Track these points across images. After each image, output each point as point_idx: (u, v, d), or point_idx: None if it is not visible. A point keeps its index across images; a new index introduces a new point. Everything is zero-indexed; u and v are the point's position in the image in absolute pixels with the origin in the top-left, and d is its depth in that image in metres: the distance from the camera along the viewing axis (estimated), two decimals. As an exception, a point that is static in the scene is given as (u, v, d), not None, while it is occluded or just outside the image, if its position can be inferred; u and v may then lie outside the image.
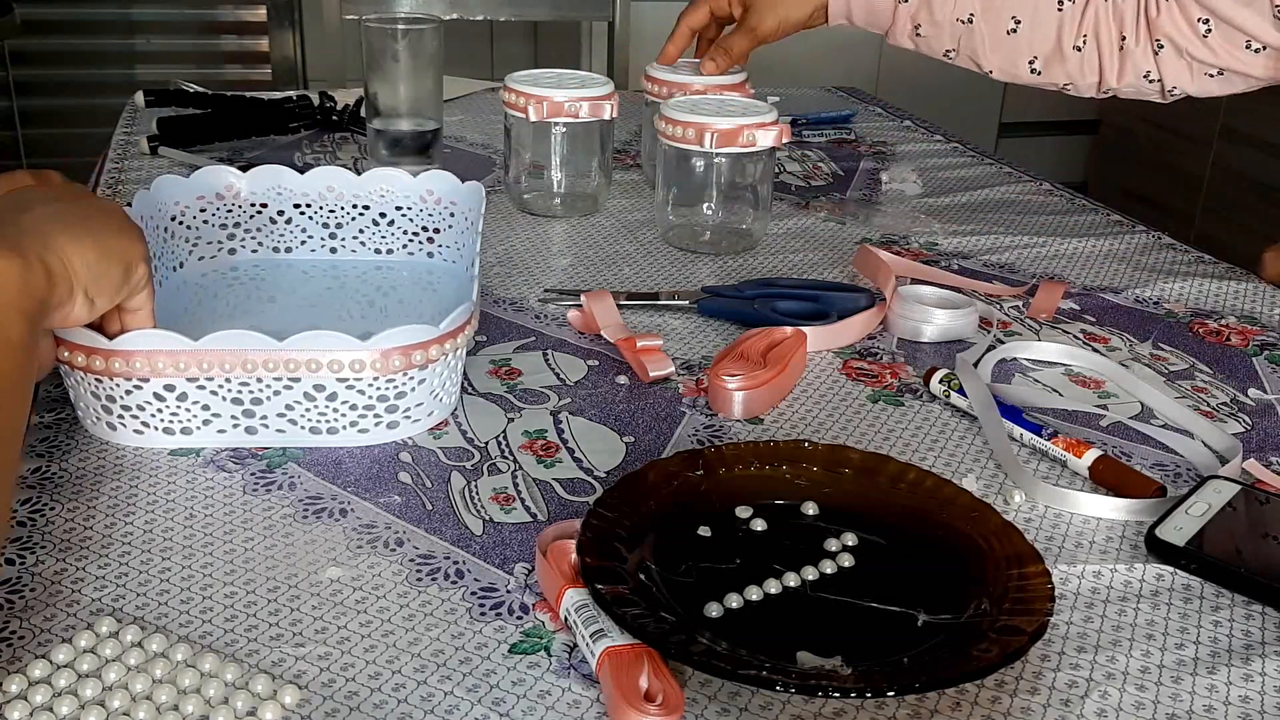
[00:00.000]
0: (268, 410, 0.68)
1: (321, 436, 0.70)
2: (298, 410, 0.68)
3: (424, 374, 0.69)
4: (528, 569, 0.60)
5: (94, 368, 0.66)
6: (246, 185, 0.92)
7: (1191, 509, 0.65)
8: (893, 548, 0.61)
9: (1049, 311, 0.94)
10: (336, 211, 0.94)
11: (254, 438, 0.70)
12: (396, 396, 0.69)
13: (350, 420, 0.69)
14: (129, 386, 0.67)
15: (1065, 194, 1.27)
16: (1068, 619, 0.58)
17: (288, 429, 0.69)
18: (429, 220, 0.95)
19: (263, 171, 0.93)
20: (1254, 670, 0.55)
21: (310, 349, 0.66)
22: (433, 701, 0.51)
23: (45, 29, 2.48)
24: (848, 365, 0.85)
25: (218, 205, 0.92)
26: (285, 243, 0.95)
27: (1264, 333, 0.92)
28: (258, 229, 0.94)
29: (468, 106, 1.55)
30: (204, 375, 0.66)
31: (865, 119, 1.56)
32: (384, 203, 0.94)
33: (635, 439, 0.73)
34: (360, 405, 0.69)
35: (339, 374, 0.67)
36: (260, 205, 0.93)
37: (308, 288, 0.92)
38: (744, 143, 0.99)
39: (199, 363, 0.66)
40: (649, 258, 1.04)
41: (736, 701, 0.52)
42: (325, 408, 0.69)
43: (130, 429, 0.69)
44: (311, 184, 0.93)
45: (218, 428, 0.69)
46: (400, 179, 0.94)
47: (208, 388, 0.67)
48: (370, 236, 0.95)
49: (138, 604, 0.56)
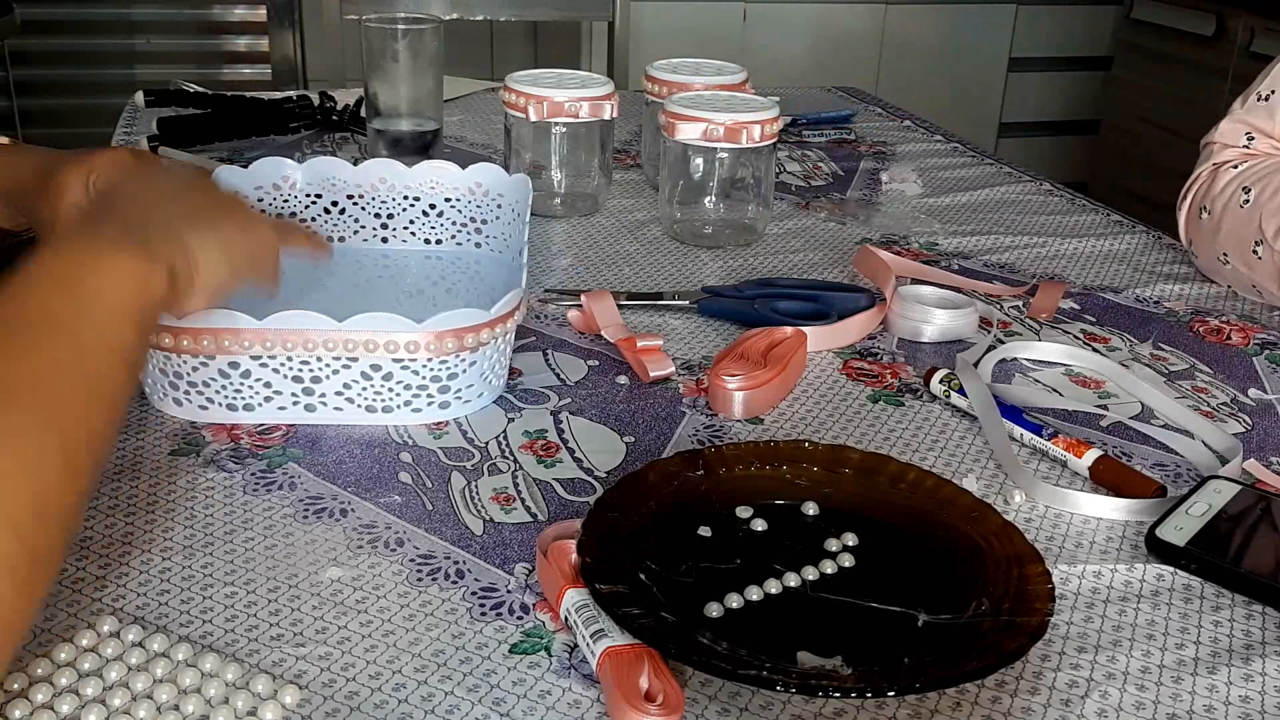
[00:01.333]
0: (326, 389, 0.71)
1: (377, 415, 0.72)
2: (355, 389, 0.71)
3: (475, 356, 0.72)
4: (528, 569, 0.60)
5: (163, 344, 0.68)
6: (302, 177, 0.95)
7: (1192, 509, 0.65)
8: (893, 548, 0.61)
9: (1049, 311, 0.94)
10: (388, 202, 0.97)
11: (312, 415, 0.72)
12: (449, 377, 0.72)
13: (405, 400, 0.72)
14: (196, 363, 0.70)
15: (1065, 194, 1.27)
16: (1068, 619, 0.58)
17: (345, 407, 0.72)
18: (477, 211, 0.97)
19: (318, 163, 0.95)
20: (1254, 670, 0.55)
21: (368, 329, 0.69)
22: (433, 701, 0.51)
23: (45, 29, 2.48)
24: (848, 365, 0.85)
25: (274, 195, 0.94)
26: (339, 232, 0.97)
27: (1264, 332, 0.92)
28: (312, 219, 0.96)
29: (468, 106, 1.55)
30: (267, 353, 0.69)
31: (865, 119, 1.56)
32: (434, 194, 0.96)
33: (635, 439, 0.73)
34: (414, 385, 0.72)
35: (395, 354, 0.69)
36: (315, 196, 0.95)
37: (360, 275, 0.94)
38: (745, 137, 0.99)
39: (262, 340, 0.68)
40: (649, 257, 1.04)
41: (736, 701, 0.52)
42: (381, 387, 0.71)
43: (195, 404, 0.72)
44: (364, 175, 0.96)
45: (278, 404, 0.72)
46: (450, 171, 0.96)
47: (270, 365, 0.70)
48: (420, 227, 0.97)
49: (138, 604, 0.56)
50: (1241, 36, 2.54)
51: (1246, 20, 2.53)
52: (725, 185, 1.06)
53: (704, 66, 1.20)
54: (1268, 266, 0.94)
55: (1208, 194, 1.01)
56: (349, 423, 0.72)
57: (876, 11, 2.87)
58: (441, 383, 0.72)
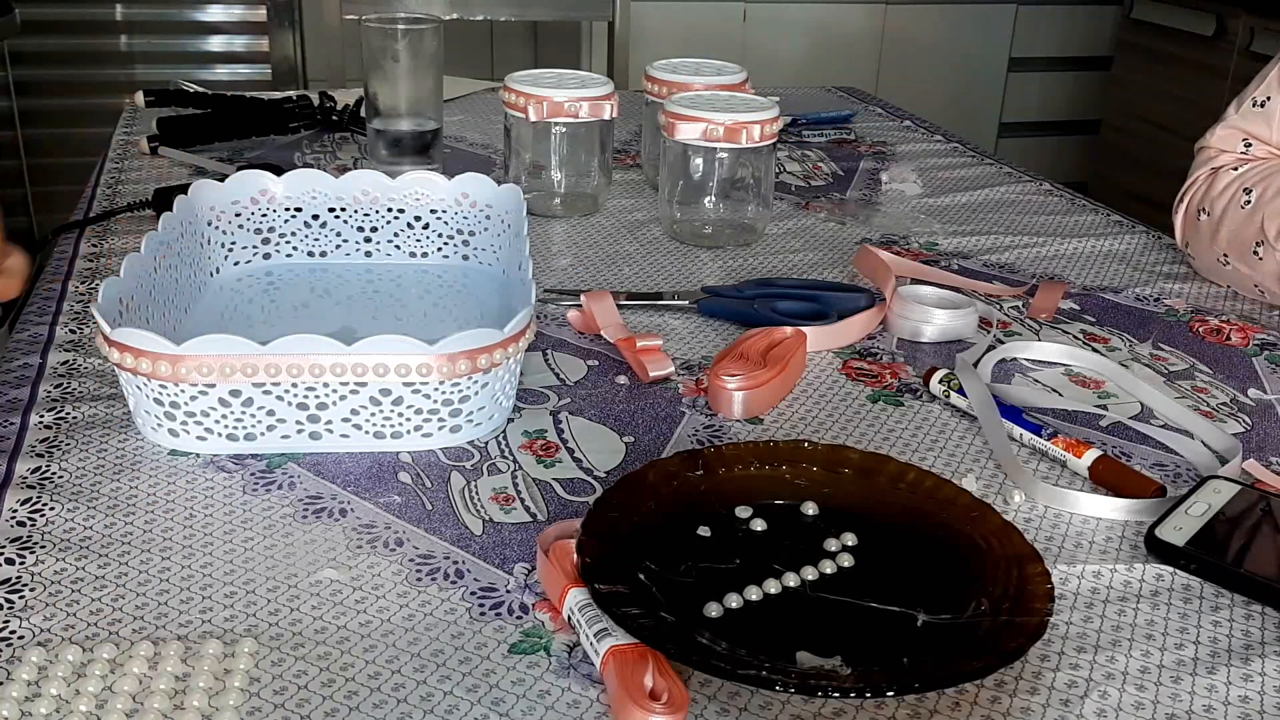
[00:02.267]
0: (333, 415, 0.68)
1: (385, 441, 0.69)
2: (363, 415, 0.68)
3: (487, 377, 0.69)
4: (528, 569, 0.60)
5: (160, 373, 0.65)
6: (282, 189, 0.92)
7: (1191, 509, 0.65)
8: (892, 548, 0.61)
9: (1049, 311, 0.94)
10: (371, 215, 0.94)
11: (318, 443, 0.69)
12: (460, 400, 0.69)
13: (415, 425, 0.69)
14: (194, 392, 0.66)
15: (1065, 194, 1.27)
16: (1067, 619, 0.58)
17: (352, 434, 0.69)
18: (464, 224, 0.94)
19: (298, 175, 0.93)
20: (1254, 670, 0.55)
21: (378, 353, 0.66)
22: (432, 701, 0.51)
23: (45, 29, 2.48)
24: (848, 365, 0.85)
25: (253, 210, 0.92)
26: (320, 246, 0.94)
27: (1264, 332, 0.92)
28: (292, 233, 0.94)
29: (468, 106, 1.55)
30: (270, 380, 0.66)
31: (865, 119, 1.56)
32: (419, 206, 0.94)
33: (635, 439, 0.73)
34: (425, 410, 0.69)
35: (405, 378, 0.66)
36: (295, 209, 0.93)
37: (343, 291, 0.91)
38: (745, 137, 1.00)
39: (266, 367, 0.65)
40: (649, 257, 1.04)
41: (736, 701, 0.52)
42: (390, 412, 0.68)
43: (194, 435, 0.69)
44: (346, 187, 0.93)
45: (281, 433, 0.69)
46: (435, 182, 0.93)
47: (274, 393, 0.67)
48: (405, 240, 0.95)
49: (138, 604, 0.56)
50: (1241, 37, 2.54)
51: (1246, 20, 2.53)
52: (725, 185, 1.06)
53: (704, 66, 1.20)
54: (1269, 267, 0.94)
55: (1206, 195, 1.01)
56: (357, 450, 0.69)
57: (876, 11, 2.87)
58: (453, 406, 0.69)
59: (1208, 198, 1.00)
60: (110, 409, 0.74)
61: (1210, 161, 1.03)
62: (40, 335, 0.84)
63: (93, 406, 0.74)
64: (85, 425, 0.72)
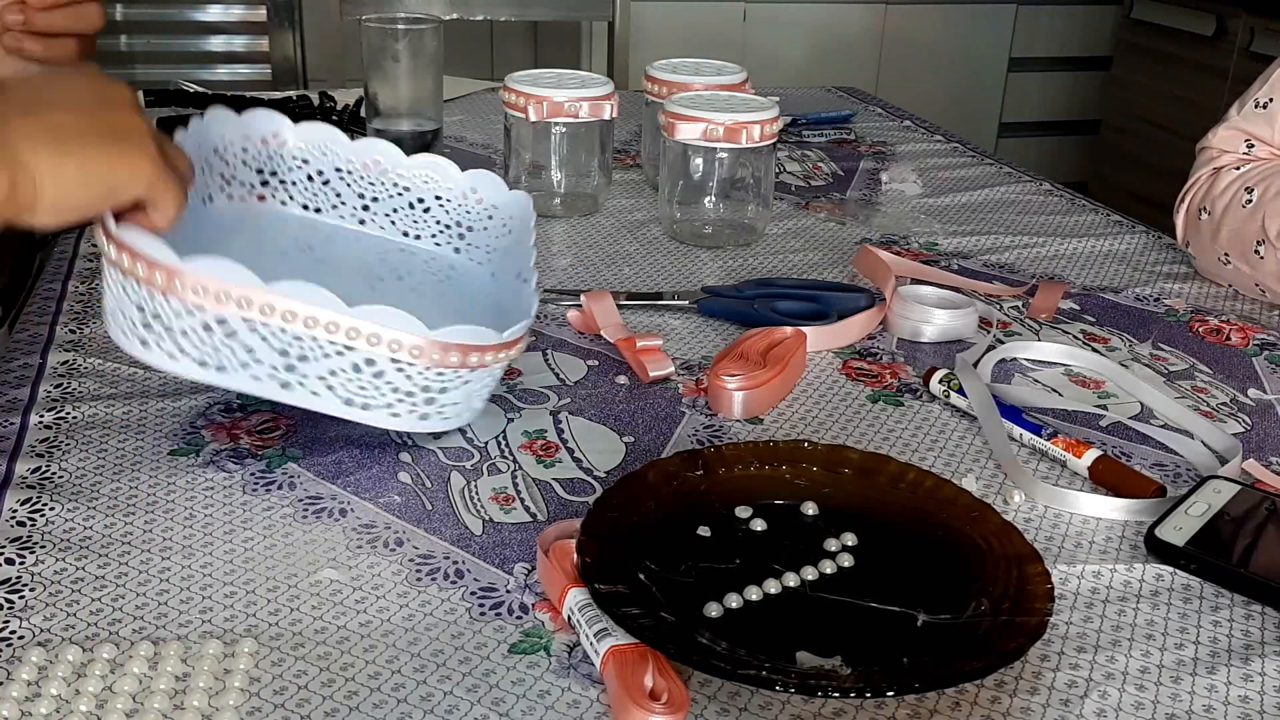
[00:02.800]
0: (309, 370, 0.66)
1: (353, 409, 0.67)
2: (340, 377, 0.66)
3: (471, 375, 0.68)
4: (527, 569, 0.60)
5: (153, 281, 0.63)
6: (294, 138, 0.90)
7: (1191, 509, 0.65)
8: (892, 548, 0.61)
9: (1049, 311, 0.94)
10: (375, 185, 0.92)
11: (286, 393, 0.67)
12: (439, 390, 0.68)
13: (387, 402, 0.68)
14: (181, 310, 0.64)
15: (1065, 194, 1.27)
16: (1067, 619, 0.58)
17: (323, 394, 0.67)
18: (465, 216, 0.92)
19: (313, 128, 0.90)
20: (1254, 670, 0.55)
21: (376, 323, 0.64)
22: (432, 701, 0.51)
23: (45, 29, 2.48)
24: (848, 365, 0.85)
25: (260, 150, 0.89)
26: (316, 202, 0.92)
27: (1264, 332, 0.92)
28: (293, 183, 0.91)
29: (468, 106, 1.55)
30: (261, 319, 0.64)
31: (865, 119, 1.56)
32: (426, 189, 0.92)
33: (635, 439, 0.73)
34: (402, 390, 0.67)
35: (395, 354, 0.65)
36: (303, 160, 0.91)
37: (327, 250, 0.89)
38: (745, 137, 1.00)
39: (263, 305, 0.63)
40: (649, 257, 1.04)
41: (736, 701, 0.52)
42: (367, 383, 0.66)
43: (164, 351, 0.66)
44: (359, 152, 0.91)
45: (253, 374, 0.66)
46: (448, 169, 0.91)
47: (260, 332, 0.65)
48: (401, 218, 0.93)
49: (138, 604, 0.56)
50: (1241, 37, 2.54)
51: (1246, 20, 2.53)
52: (725, 185, 1.06)
53: (704, 66, 1.20)
54: (1270, 266, 0.94)
55: (1208, 195, 1.01)
56: (322, 410, 0.67)
57: (876, 11, 2.87)
58: (430, 394, 0.68)
59: (1209, 197, 1.01)
60: (110, 409, 0.74)
61: (1212, 162, 1.03)
62: (40, 335, 0.84)
63: (93, 406, 0.74)
64: (85, 425, 0.72)
